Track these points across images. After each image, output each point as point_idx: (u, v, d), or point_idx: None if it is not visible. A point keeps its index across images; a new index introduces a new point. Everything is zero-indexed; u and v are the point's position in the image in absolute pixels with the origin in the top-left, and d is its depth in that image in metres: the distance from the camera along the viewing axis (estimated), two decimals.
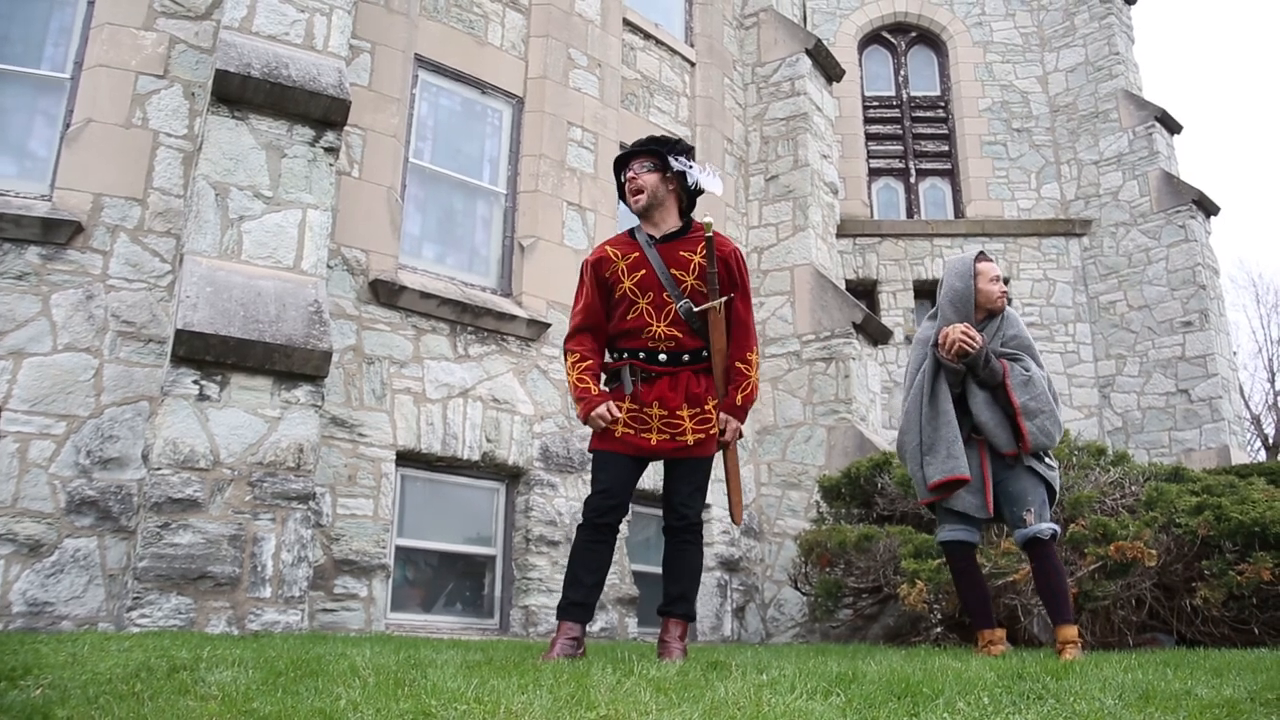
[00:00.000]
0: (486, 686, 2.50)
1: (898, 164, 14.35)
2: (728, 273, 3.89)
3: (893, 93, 14.75)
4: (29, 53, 6.25)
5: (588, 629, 3.94)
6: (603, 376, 3.99)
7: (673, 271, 3.82)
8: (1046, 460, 4.38)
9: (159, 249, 6.01)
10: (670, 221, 3.96)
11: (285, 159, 5.80)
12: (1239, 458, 11.57)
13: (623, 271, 3.86)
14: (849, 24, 14.71)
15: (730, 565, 8.76)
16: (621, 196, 4.07)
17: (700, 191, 4.00)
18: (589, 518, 3.79)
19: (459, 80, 8.02)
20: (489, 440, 7.17)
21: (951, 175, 14.25)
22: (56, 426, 5.48)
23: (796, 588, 8.11)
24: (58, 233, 5.71)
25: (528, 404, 7.49)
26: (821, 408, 9.27)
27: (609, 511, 3.78)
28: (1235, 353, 13.31)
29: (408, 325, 6.97)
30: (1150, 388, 12.50)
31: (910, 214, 14.07)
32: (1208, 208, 13.07)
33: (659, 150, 3.96)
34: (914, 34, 14.99)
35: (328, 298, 5.91)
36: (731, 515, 4.04)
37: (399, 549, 6.75)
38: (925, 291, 13.46)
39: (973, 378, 4.39)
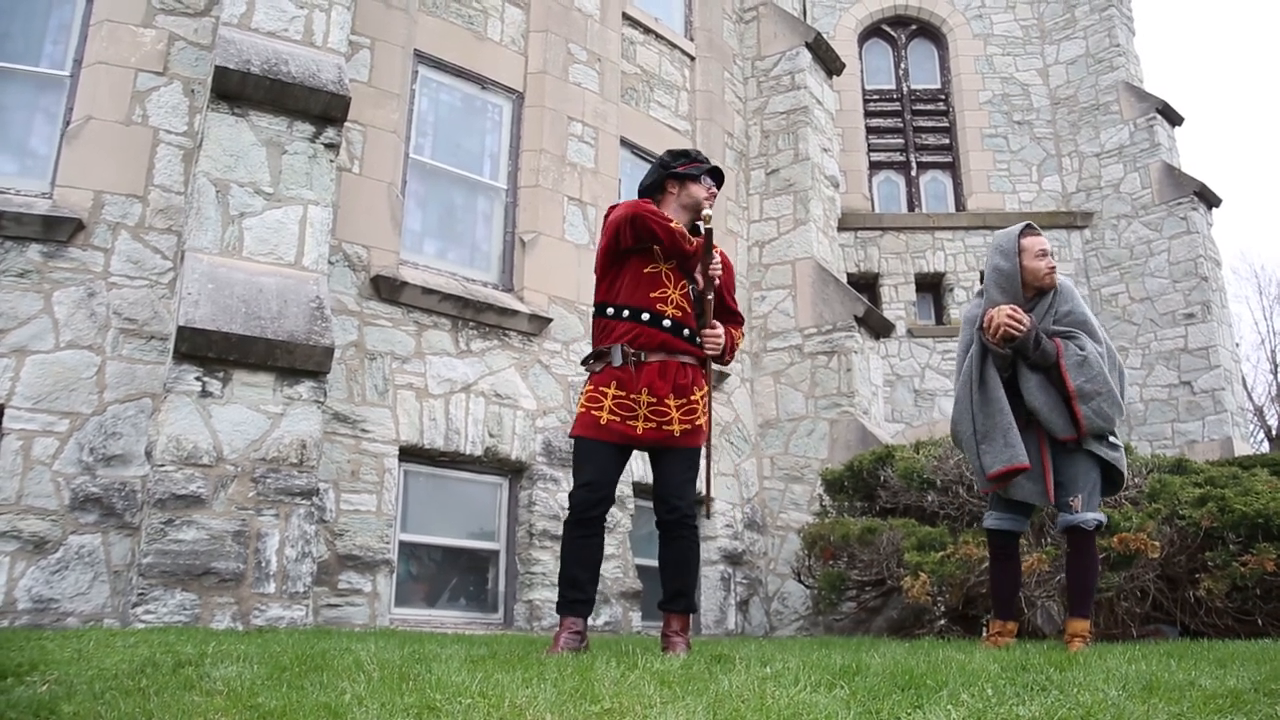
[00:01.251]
0: (491, 680, 2.50)
1: (898, 157, 14.33)
2: (726, 273, 4.14)
3: (893, 86, 14.73)
4: (29, 50, 6.25)
5: (591, 623, 3.95)
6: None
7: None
8: (1110, 439, 4.23)
9: (160, 246, 6.01)
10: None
11: (286, 155, 5.80)
12: (1242, 449, 11.56)
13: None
14: (849, 17, 14.68)
15: (734, 559, 8.77)
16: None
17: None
18: (576, 513, 3.79)
19: (459, 76, 8.01)
20: (491, 435, 7.18)
21: (952, 168, 14.23)
22: (60, 424, 5.49)
23: (800, 581, 8.12)
24: (59, 230, 5.71)
25: (530, 399, 7.49)
26: (824, 401, 9.27)
27: (595, 505, 3.78)
28: (1238, 344, 13.30)
29: (409, 321, 6.97)
30: (1153, 380, 12.49)
31: (911, 207, 14.06)
32: (1209, 199, 13.05)
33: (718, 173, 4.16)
34: (914, 27, 14.96)
35: (329, 294, 5.91)
36: (706, 509, 4.02)
37: (402, 544, 6.76)
38: (927, 284, 13.46)
39: (1023, 360, 4.22)
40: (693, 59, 10.18)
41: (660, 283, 3.88)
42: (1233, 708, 2.31)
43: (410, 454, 6.83)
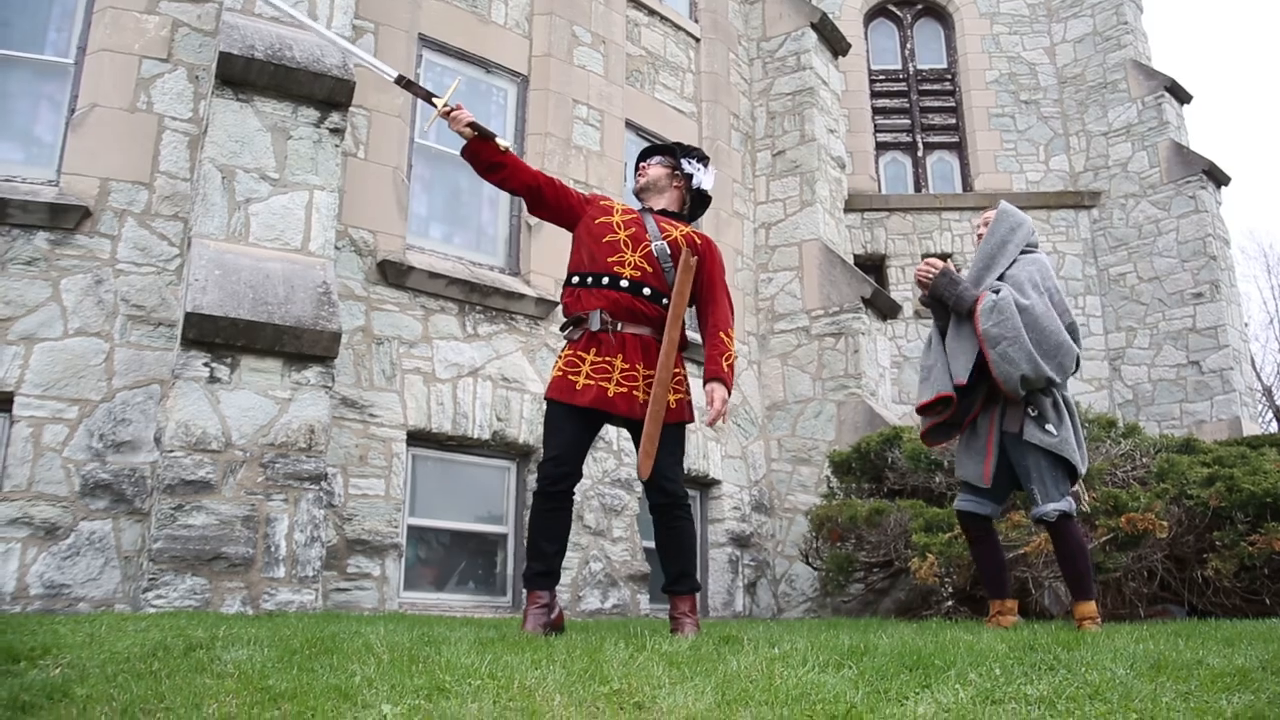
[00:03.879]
0: (500, 662, 2.52)
1: (905, 138, 14.27)
2: (701, 250, 4.02)
3: (899, 66, 14.65)
4: (32, 38, 6.24)
5: (599, 605, 3.95)
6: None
7: (660, 225, 4.01)
8: (1046, 428, 4.18)
9: (167, 233, 6.02)
10: (666, 205, 4.16)
11: (291, 141, 5.79)
12: (1250, 429, 11.53)
13: (617, 222, 3.99)
14: None
15: (741, 541, 8.79)
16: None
17: (705, 199, 4.25)
18: (542, 486, 3.77)
19: (463, 59, 7.99)
20: (499, 419, 7.19)
21: (959, 148, 14.16)
22: (69, 411, 5.51)
23: (808, 563, 8.14)
24: (65, 218, 5.72)
25: (537, 382, 7.50)
26: (831, 383, 9.26)
27: (562, 479, 3.76)
28: (1246, 324, 13.25)
29: (416, 305, 6.98)
30: (1161, 360, 12.45)
31: (918, 188, 14.00)
32: (1218, 178, 12.97)
33: (673, 150, 4.26)
34: (920, 6, 14.87)
35: (336, 279, 5.92)
36: (639, 469, 3.78)
37: (411, 528, 6.78)
38: None
39: (952, 312, 4.37)
40: (697, 40, 10.14)
41: (618, 249, 3.90)
42: (1240, 685, 2.32)
43: (418, 438, 6.85)
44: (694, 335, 4.37)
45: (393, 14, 7.38)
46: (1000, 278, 4.39)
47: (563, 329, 4.04)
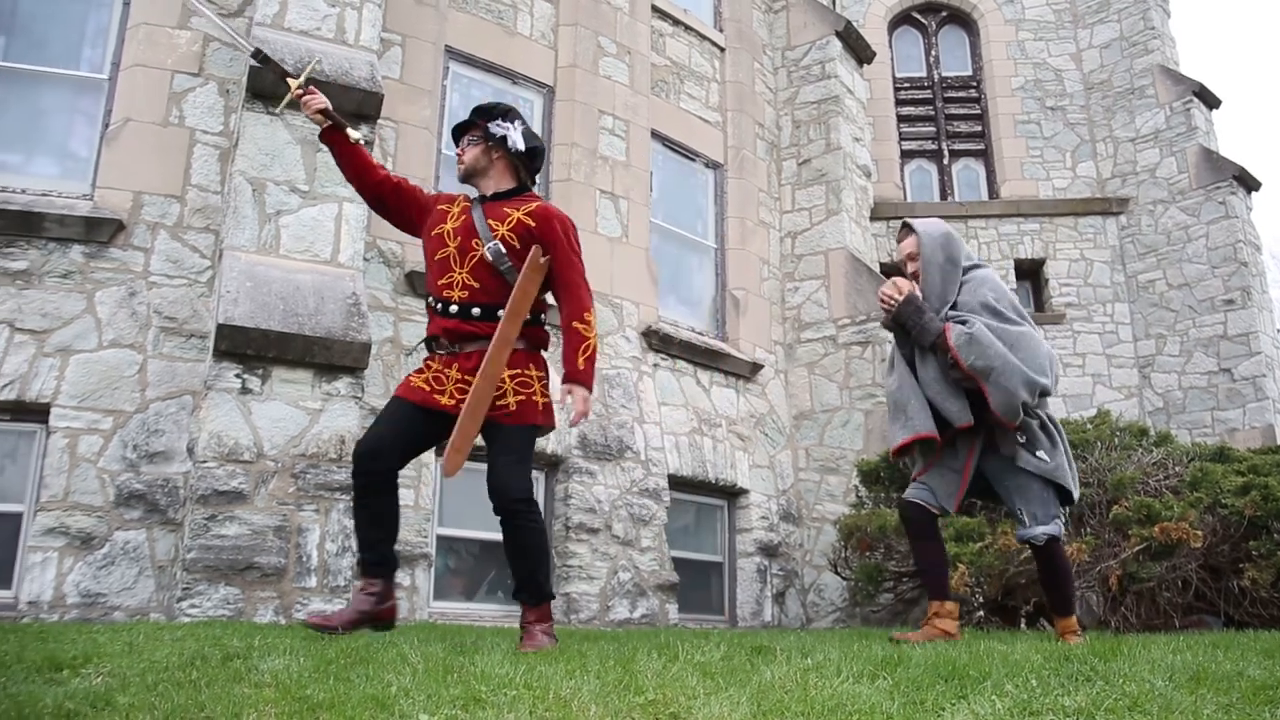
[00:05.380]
0: (535, 672, 2.52)
1: (930, 145, 14.21)
2: (539, 232, 3.68)
3: (924, 73, 14.60)
4: (68, 54, 6.34)
5: (628, 615, 3.87)
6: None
7: (489, 221, 3.68)
8: (1039, 455, 4.03)
9: (198, 245, 6.08)
10: (499, 184, 3.84)
11: (320, 153, 5.83)
12: None
13: (449, 230, 3.71)
14: (878, 4, 14.55)
15: (769, 551, 8.76)
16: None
17: (534, 153, 3.88)
18: (352, 471, 3.62)
19: (489, 71, 8.04)
20: None
21: (985, 156, 14.09)
22: (104, 422, 5.57)
23: (836, 572, 8.10)
24: (100, 231, 5.80)
25: None
26: (858, 392, 9.23)
27: (369, 460, 3.53)
28: (1279, 330, 13.08)
29: None
30: (1191, 367, 12.32)
31: (944, 196, 13.94)
32: (1249, 183, 12.84)
33: (477, 121, 3.88)
34: (944, 13, 14.82)
35: (365, 290, 5.96)
36: (444, 464, 3.49)
37: (440, 538, 6.81)
38: None
39: (914, 340, 4.15)
40: (722, 50, 10.15)
41: (448, 266, 3.66)
42: None
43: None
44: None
45: (420, 27, 7.43)
46: (953, 306, 4.18)
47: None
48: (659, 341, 8.29)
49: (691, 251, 9.43)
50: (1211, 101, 13.42)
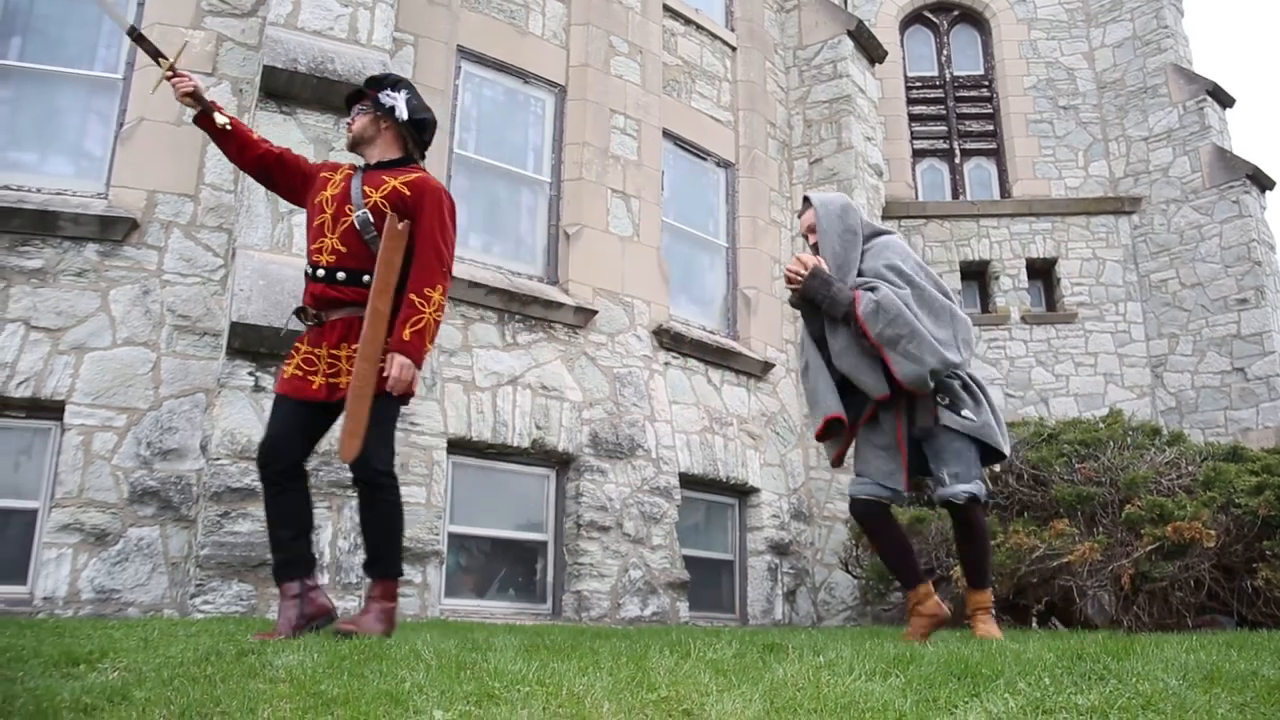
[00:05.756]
0: (548, 669, 2.53)
1: (942, 145, 14.19)
2: (412, 202, 3.66)
3: (936, 73, 14.58)
4: (83, 54, 6.38)
5: (639, 613, 3.87)
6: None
7: (365, 188, 3.69)
8: (964, 414, 3.90)
9: (212, 244, 6.11)
10: (384, 153, 3.84)
11: (333, 152, 5.86)
12: None
13: (327, 198, 3.73)
14: (890, 4, 14.54)
15: (780, 549, 8.76)
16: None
17: (422, 125, 3.87)
18: (259, 471, 3.63)
19: (501, 70, 8.05)
20: (538, 427, 7.22)
21: (997, 155, 14.06)
22: (118, 419, 5.61)
23: (847, 571, 8.10)
24: (114, 230, 5.83)
25: (576, 391, 7.53)
26: None
27: (271, 461, 3.56)
28: None
29: (456, 314, 7.03)
30: (1204, 366, 12.27)
31: (955, 195, 13.92)
32: (1262, 182, 12.78)
33: (368, 91, 3.89)
34: (956, 12, 14.79)
35: None
36: (340, 450, 3.48)
37: (452, 535, 6.83)
38: (972, 273, 13.32)
39: (826, 315, 4.00)
40: (734, 49, 10.15)
41: (320, 233, 3.68)
42: None
43: (458, 446, 6.89)
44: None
45: (432, 26, 7.45)
46: (860, 275, 4.05)
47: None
48: (670, 340, 8.30)
49: (703, 250, 9.43)
50: (1225, 100, 13.37)
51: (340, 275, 3.61)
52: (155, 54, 3.92)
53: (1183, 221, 12.81)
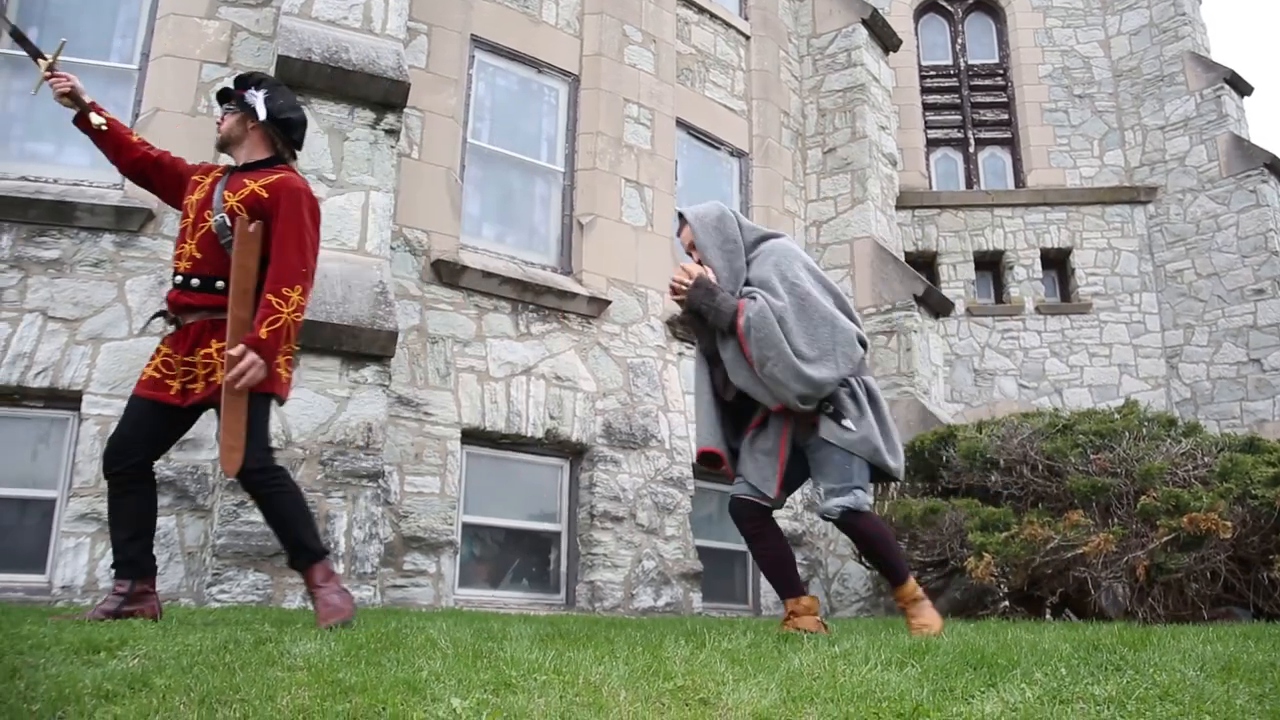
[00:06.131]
0: (564, 658, 2.53)
1: (956, 134, 14.12)
2: (269, 204, 3.57)
3: (950, 61, 14.50)
4: (98, 45, 6.40)
5: (652, 604, 3.87)
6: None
7: (225, 192, 3.61)
8: (844, 424, 3.69)
9: None
10: (250, 154, 3.77)
11: (347, 142, 5.87)
12: None
13: (193, 201, 3.68)
14: None
15: (793, 540, 8.76)
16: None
17: (288, 124, 3.80)
18: (103, 470, 3.58)
19: (515, 60, 8.05)
20: (552, 418, 7.23)
21: (1011, 144, 13.98)
22: None
23: (860, 562, 8.09)
24: (130, 220, 5.85)
25: (590, 381, 7.53)
26: (884, 381, 9.19)
27: (116, 460, 3.51)
28: None
29: (470, 305, 7.04)
30: (1220, 357, 12.20)
31: (969, 184, 13.85)
32: None
33: (235, 90, 3.84)
34: (971, 1, 14.71)
35: (392, 279, 5.99)
36: (221, 465, 3.45)
37: (466, 526, 6.85)
38: (986, 263, 13.27)
39: (714, 327, 3.82)
40: (748, 38, 10.11)
41: (182, 238, 3.64)
42: None
43: (472, 436, 6.91)
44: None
45: (445, 15, 7.45)
46: (746, 283, 3.89)
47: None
48: (684, 330, 8.29)
49: None
50: (1243, 89, 13.26)
51: (195, 282, 3.57)
52: (35, 53, 3.83)
53: (1199, 211, 12.72)
